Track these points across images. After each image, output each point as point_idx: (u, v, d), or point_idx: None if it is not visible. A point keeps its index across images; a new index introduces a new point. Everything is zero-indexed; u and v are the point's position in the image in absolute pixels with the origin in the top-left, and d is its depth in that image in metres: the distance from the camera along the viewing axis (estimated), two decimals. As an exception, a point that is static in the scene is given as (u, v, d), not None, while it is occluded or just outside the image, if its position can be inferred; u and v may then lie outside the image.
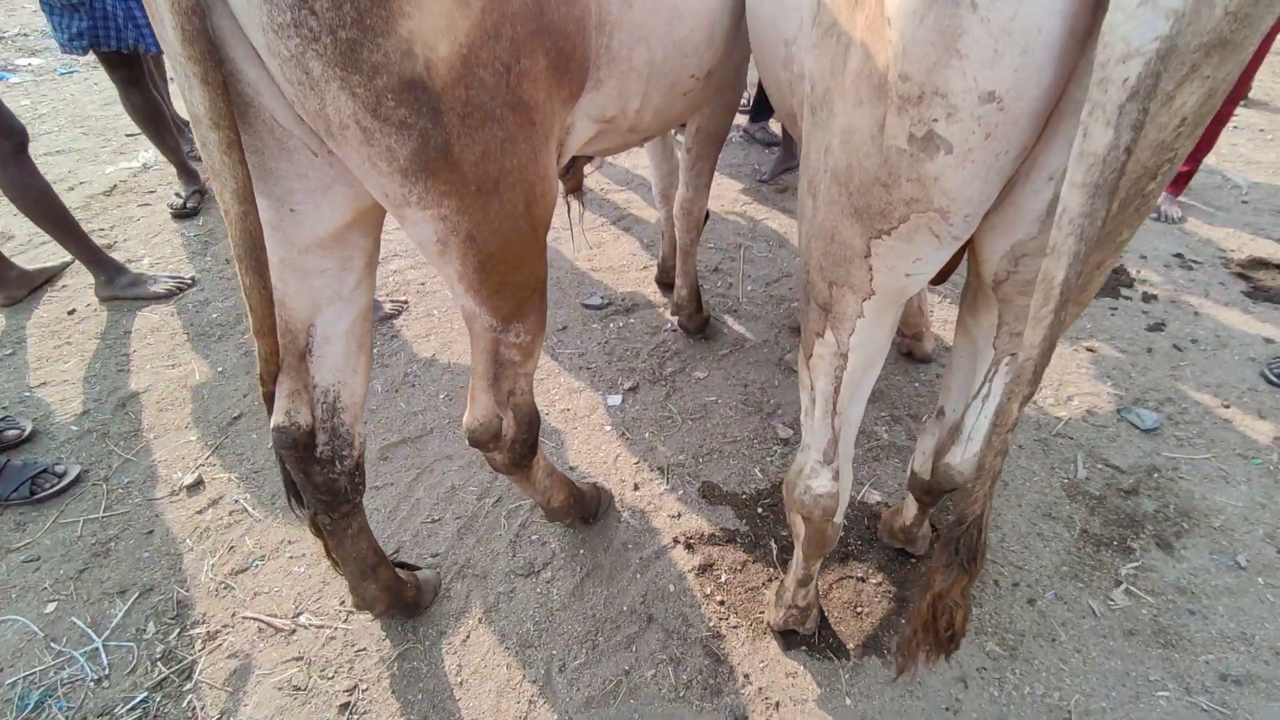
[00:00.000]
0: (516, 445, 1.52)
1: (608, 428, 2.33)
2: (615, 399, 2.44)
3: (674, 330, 2.75)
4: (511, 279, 1.27)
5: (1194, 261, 3.09)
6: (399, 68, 0.94)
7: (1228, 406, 2.33)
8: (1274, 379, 2.37)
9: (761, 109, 4.22)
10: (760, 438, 2.28)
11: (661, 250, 2.88)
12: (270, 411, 1.34)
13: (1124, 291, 2.92)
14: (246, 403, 2.45)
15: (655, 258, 3.19)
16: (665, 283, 2.95)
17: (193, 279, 3.06)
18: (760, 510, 2.04)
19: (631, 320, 2.83)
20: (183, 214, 3.50)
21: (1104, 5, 0.66)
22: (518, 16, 1.02)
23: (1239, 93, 3.08)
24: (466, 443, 2.27)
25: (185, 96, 0.96)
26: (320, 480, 1.41)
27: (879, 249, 0.96)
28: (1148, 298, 2.88)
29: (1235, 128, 4.31)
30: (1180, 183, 3.32)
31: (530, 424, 1.53)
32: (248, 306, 1.15)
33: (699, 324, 2.66)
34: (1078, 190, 0.72)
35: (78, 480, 2.14)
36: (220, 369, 2.60)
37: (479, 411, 1.43)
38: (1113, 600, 1.77)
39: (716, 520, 2.01)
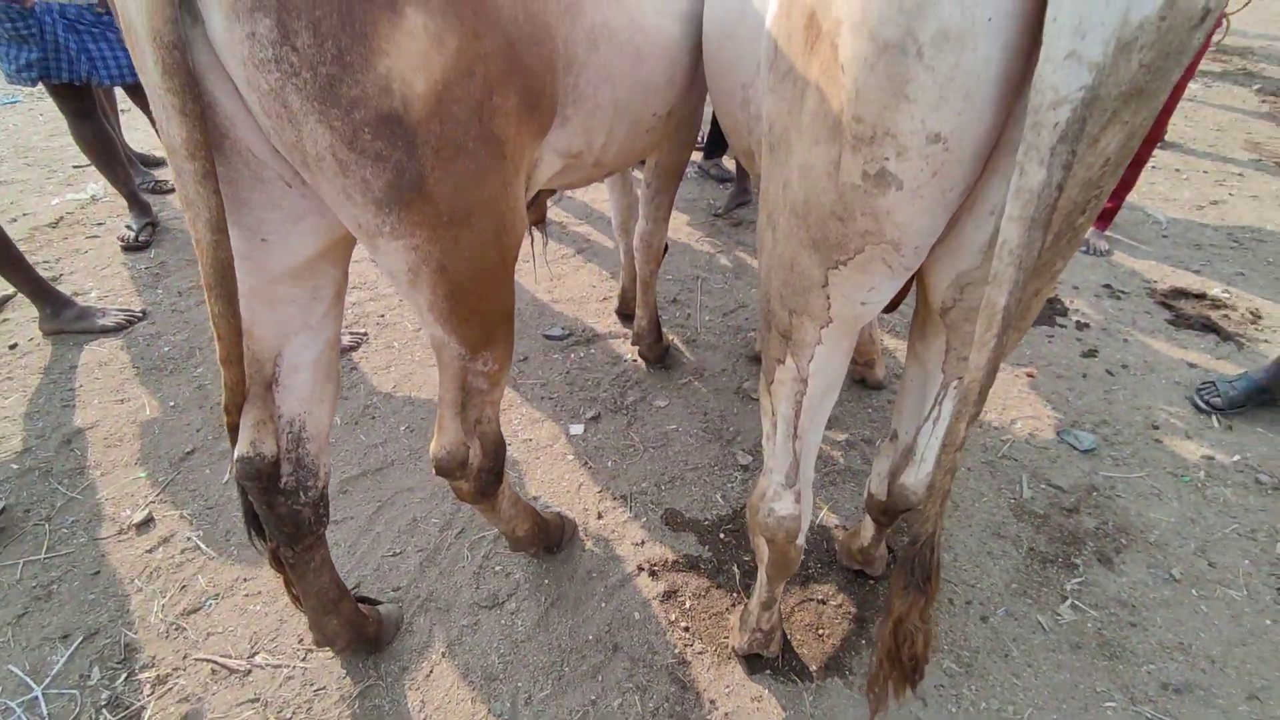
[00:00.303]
0: (483, 474, 1.53)
1: (570, 457, 2.35)
2: (578, 428, 2.46)
3: (634, 360, 2.79)
4: (481, 308, 1.29)
5: (1121, 291, 3.29)
6: (376, 103, 0.97)
7: (1157, 428, 2.47)
8: (1202, 405, 2.52)
9: (715, 146, 4.35)
10: (721, 464, 2.32)
11: (621, 282, 2.93)
12: (234, 442, 1.32)
13: (1059, 320, 3.09)
14: (199, 437, 2.38)
15: (615, 289, 3.24)
16: (625, 314, 3.00)
17: (143, 312, 2.98)
18: (723, 536, 2.07)
19: (592, 351, 2.86)
20: (133, 247, 3.41)
21: (1035, 57, 0.73)
22: (491, 56, 1.07)
23: (1155, 136, 3.32)
24: (429, 474, 2.27)
25: (162, 127, 0.97)
26: (284, 512, 1.39)
27: (836, 279, 1.02)
28: (1081, 325, 3.05)
29: (1154, 167, 4.63)
30: (1106, 218, 3.55)
31: (497, 452, 1.54)
32: (216, 335, 1.15)
33: (659, 354, 2.70)
34: (1016, 223, 0.79)
35: (2, 512, 2.04)
36: (172, 403, 2.53)
37: (446, 440, 1.44)
38: (1060, 615, 1.85)
39: (680, 547, 2.03)
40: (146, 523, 2.06)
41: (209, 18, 0.90)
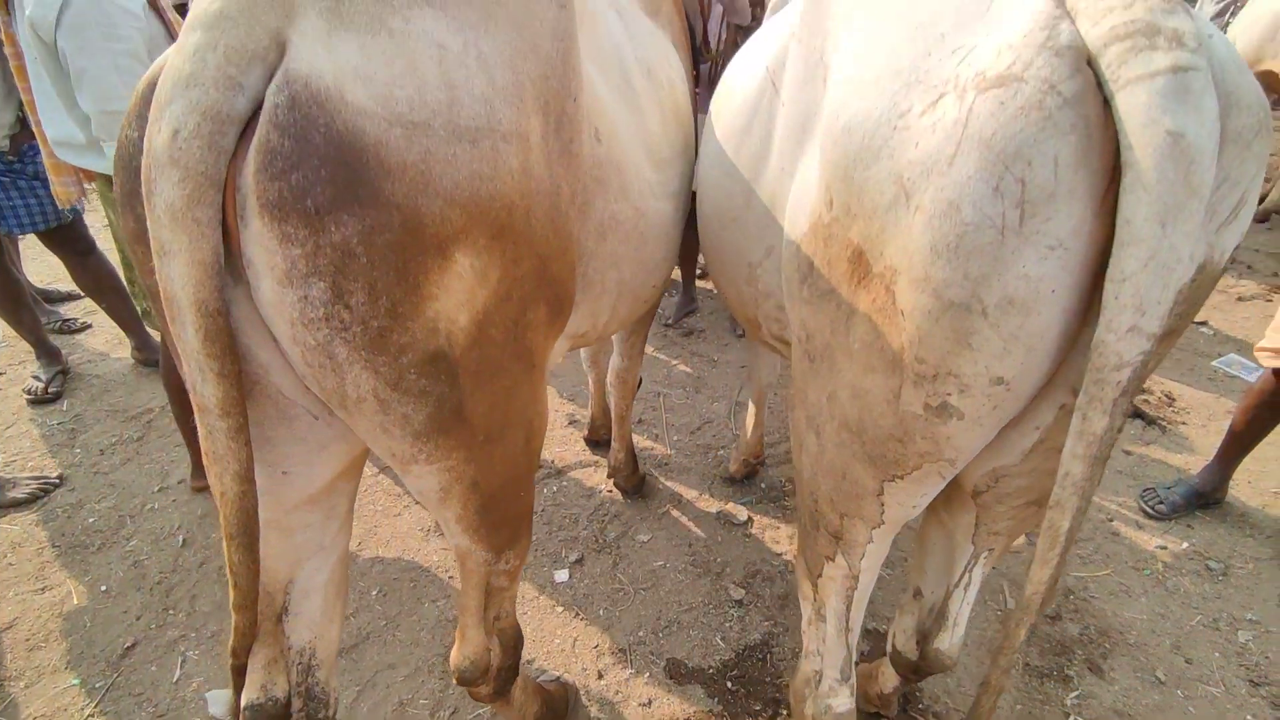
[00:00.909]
0: (503, 672, 1.45)
1: (559, 608, 2.25)
2: (562, 574, 2.37)
3: (610, 490, 2.74)
4: (510, 513, 1.25)
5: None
6: (424, 345, 0.95)
7: (1112, 520, 2.63)
8: (1150, 510, 2.67)
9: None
10: (714, 601, 2.28)
11: (590, 410, 2.91)
12: (238, 686, 1.19)
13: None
14: (140, 627, 2.14)
15: (579, 412, 3.21)
16: (595, 440, 2.97)
17: (60, 478, 2.70)
18: (730, 685, 2.01)
19: (565, 483, 2.80)
20: (42, 400, 3.12)
21: (1093, 312, 0.80)
22: (526, 277, 1.07)
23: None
24: (410, 646, 2.11)
25: (195, 388, 0.90)
26: (293, 754, 1.25)
27: (892, 489, 1.04)
28: (1021, 419, 3.25)
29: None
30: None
31: (516, 646, 1.46)
32: (232, 583, 1.05)
33: (636, 484, 2.68)
34: (1080, 460, 0.84)
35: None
36: (103, 587, 2.27)
37: (470, 649, 1.35)
38: (1068, 735, 1.89)
39: (688, 700, 1.96)
40: (89, 746, 1.82)
41: (258, 284, 0.86)
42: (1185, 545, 2.51)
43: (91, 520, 2.54)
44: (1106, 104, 0.74)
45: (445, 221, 0.89)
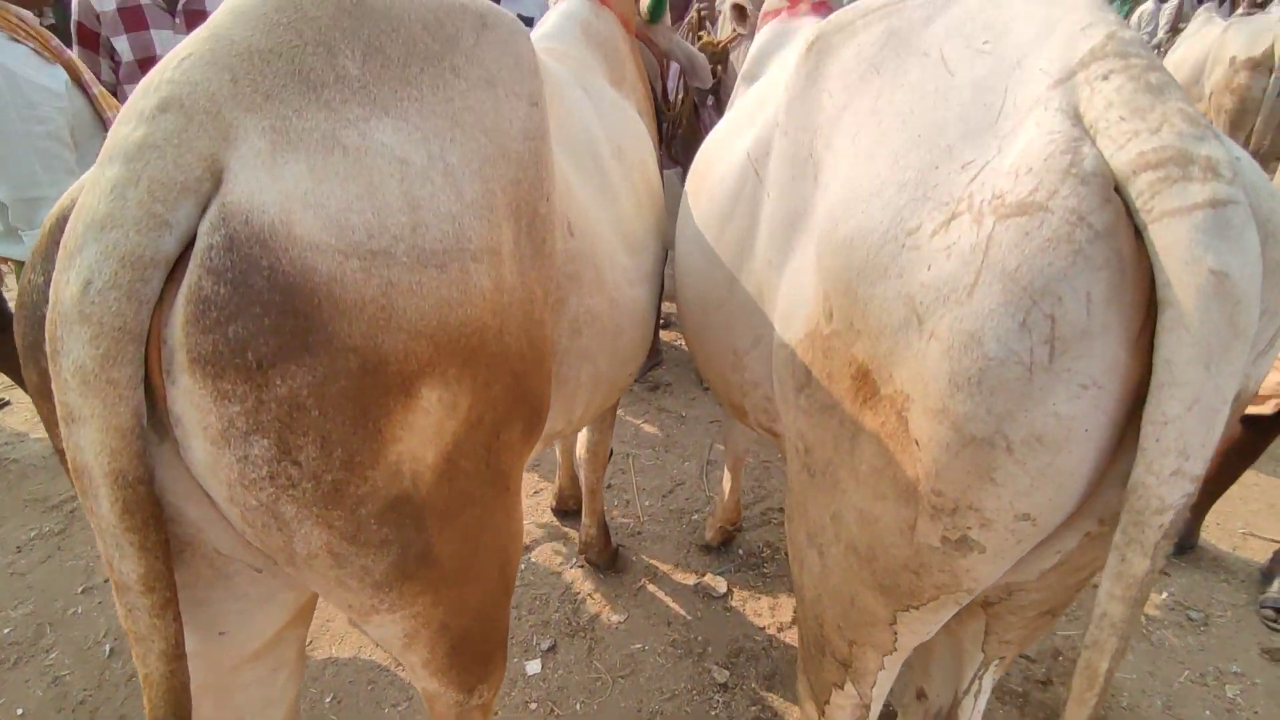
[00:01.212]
0: (477, 811, 1.30)
1: (533, 705, 2.10)
2: (534, 665, 2.22)
3: (581, 565, 2.61)
4: (482, 649, 1.13)
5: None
6: (385, 492, 0.84)
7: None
8: None
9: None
10: (698, 686, 2.16)
11: (557, 480, 2.79)
12: None
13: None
14: (63, 758, 1.91)
15: (542, 482, 3.08)
16: (563, 511, 2.84)
17: (-30, 581, 2.45)
18: (720, 782, 1.89)
19: (533, 559, 2.65)
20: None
21: (1128, 444, 0.73)
22: (500, 398, 0.97)
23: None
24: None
25: (112, 564, 0.77)
26: None
27: (906, 619, 0.96)
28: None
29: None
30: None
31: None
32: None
33: (609, 558, 2.55)
34: (1119, 602, 0.77)
35: None
36: (20, 710, 2.03)
37: (440, 799, 1.21)
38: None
39: (676, 805, 1.83)
40: None
41: (188, 444, 0.74)
42: (1165, 595, 2.50)
43: (6, 631, 2.29)
44: (1138, 233, 0.69)
45: (410, 356, 0.79)
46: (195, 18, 2.43)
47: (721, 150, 1.46)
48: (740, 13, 2.43)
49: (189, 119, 0.69)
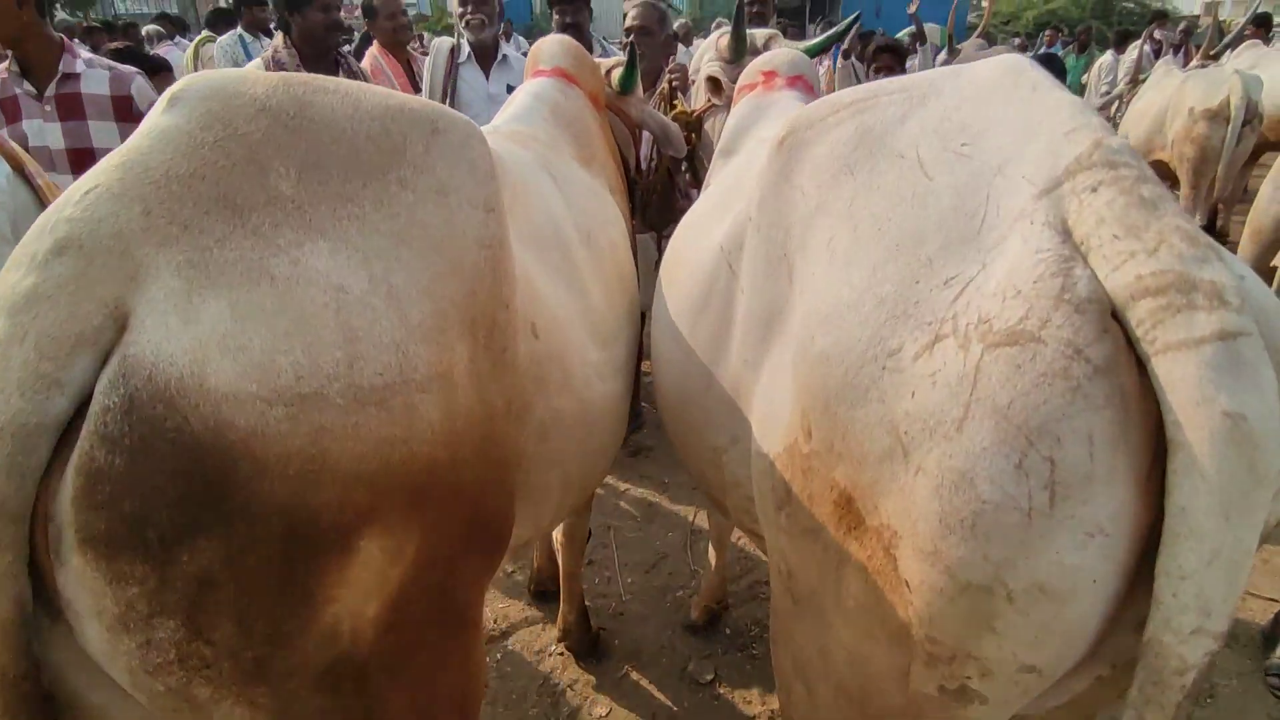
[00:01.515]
0: None
1: (510, 815, 1.95)
2: (512, 769, 2.07)
3: (561, 653, 2.48)
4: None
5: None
6: (320, 658, 0.74)
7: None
8: None
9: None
10: (686, 787, 2.02)
11: (535, 561, 2.67)
12: None
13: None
14: None
15: (519, 561, 2.95)
16: (541, 591, 2.72)
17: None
18: None
19: (509, 645, 2.52)
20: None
21: (1141, 590, 0.67)
22: (454, 534, 0.88)
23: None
24: None
25: (-9, 765, 0.66)
26: None
27: (904, 766, 0.87)
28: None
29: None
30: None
31: None
32: None
33: (589, 645, 2.42)
34: (1137, 760, 0.69)
35: None
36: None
37: None
38: None
39: None
40: None
41: (82, 629, 0.64)
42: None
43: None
44: (1139, 364, 0.63)
45: (345, 508, 0.71)
46: (67, 102, 2.22)
47: (697, 236, 1.42)
48: (715, 85, 2.43)
49: (89, 261, 0.62)
